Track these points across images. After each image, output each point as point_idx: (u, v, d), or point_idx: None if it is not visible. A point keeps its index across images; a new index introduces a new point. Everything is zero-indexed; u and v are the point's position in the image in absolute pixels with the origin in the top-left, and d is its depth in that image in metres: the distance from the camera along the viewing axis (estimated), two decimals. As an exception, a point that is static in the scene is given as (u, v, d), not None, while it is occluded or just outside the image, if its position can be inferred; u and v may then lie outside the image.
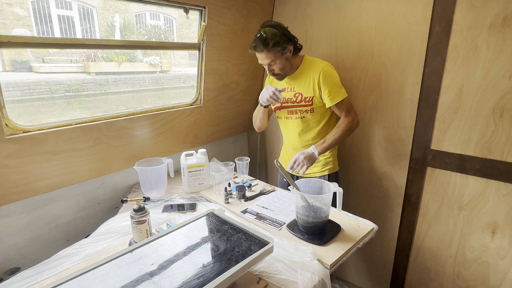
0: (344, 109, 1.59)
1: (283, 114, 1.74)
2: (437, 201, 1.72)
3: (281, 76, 1.61)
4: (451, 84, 1.56)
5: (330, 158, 1.73)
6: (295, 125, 1.70)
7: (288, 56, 1.56)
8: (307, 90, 1.61)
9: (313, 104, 1.62)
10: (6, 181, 1.29)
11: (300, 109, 1.65)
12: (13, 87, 7.10)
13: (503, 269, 1.57)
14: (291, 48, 1.55)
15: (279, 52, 1.51)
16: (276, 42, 1.48)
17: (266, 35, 1.48)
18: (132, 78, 9.55)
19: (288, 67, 1.59)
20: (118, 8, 10.40)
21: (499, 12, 1.38)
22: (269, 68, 1.58)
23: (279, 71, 1.58)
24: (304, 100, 1.62)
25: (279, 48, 1.49)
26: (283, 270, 1.07)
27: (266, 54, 1.51)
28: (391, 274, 1.99)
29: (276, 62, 1.54)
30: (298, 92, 1.64)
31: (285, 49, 1.52)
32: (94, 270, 0.89)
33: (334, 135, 1.57)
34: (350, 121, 1.59)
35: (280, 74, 1.60)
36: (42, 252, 1.47)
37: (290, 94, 1.67)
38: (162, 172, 1.64)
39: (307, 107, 1.63)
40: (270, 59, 1.53)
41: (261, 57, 1.55)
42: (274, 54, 1.51)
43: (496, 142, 1.48)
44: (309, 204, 1.24)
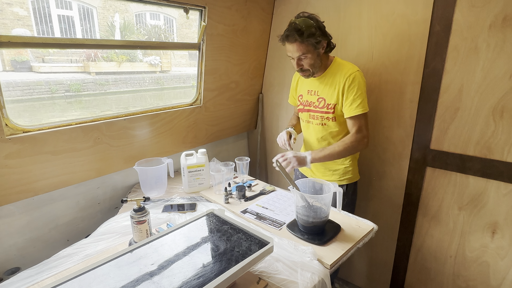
0: (357, 125, 1.48)
1: (304, 117, 1.66)
2: (437, 201, 1.72)
3: (309, 73, 1.50)
4: (451, 84, 1.56)
5: (350, 168, 1.63)
6: (315, 130, 1.62)
7: (320, 52, 1.45)
8: (331, 96, 1.51)
9: (334, 112, 1.52)
10: (6, 181, 1.29)
11: (322, 115, 1.56)
12: (13, 87, 7.11)
13: (503, 269, 1.57)
14: (324, 44, 1.45)
15: (312, 45, 1.40)
16: (311, 34, 1.37)
17: (300, 25, 1.37)
18: (132, 78, 9.56)
19: (318, 64, 1.48)
20: (118, 8, 10.41)
21: (499, 12, 1.37)
22: (298, 62, 1.46)
23: (309, 67, 1.46)
24: (326, 106, 1.53)
25: (313, 41, 1.38)
26: (283, 270, 1.07)
27: (298, 45, 1.40)
28: (391, 274, 1.99)
29: (308, 56, 1.42)
30: (321, 97, 1.55)
31: (319, 43, 1.41)
32: (94, 270, 0.89)
33: (335, 147, 1.47)
34: (357, 140, 1.48)
35: (309, 71, 1.48)
36: (42, 252, 1.47)
37: (314, 97, 1.59)
38: (162, 172, 1.64)
39: (328, 114, 1.54)
40: (301, 52, 1.41)
41: (291, 48, 1.43)
42: (306, 47, 1.40)
43: (496, 142, 1.48)
44: (309, 204, 1.24)
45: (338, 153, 1.47)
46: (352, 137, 1.48)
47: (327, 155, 1.47)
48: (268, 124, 2.51)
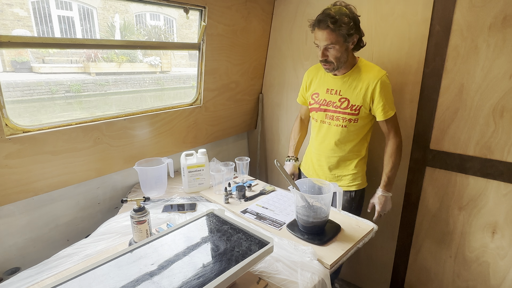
0: (393, 127, 1.49)
1: (319, 117, 1.58)
2: (437, 201, 1.72)
3: (332, 67, 1.42)
4: (451, 84, 1.56)
5: (358, 174, 1.60)
6: (333, 132, 1.54)
7: (349, 47, 1.38)
8: (356, 97, 1.45)
9: (359, 114, 1.46)
10: (6, 181, 1.29)
11: (344, 116, 1.48)
12: (13, 88, 7.11)
13: (503, 269, 1.57)
14: (355, 39, 1.38)
15: (343, 36, 1.32)
16: (344, 23, 1.29)
17: (335, 12, 1.30)
18: (132, 78, 9.57)
19: (344, 59, 1.40)
20: (118, 8, 10.41)
21: (499, 12, 1.38)
22: (324, 52, 1.38)
23: (333, 59, 1.38)
24: (350, 107, 1.46)
25: (345, 32, 1.31)
26: (283, 270, 1.07)
27: (328, 34, 1.32)
28: (391, 274, 1.99)
29: (335, 47, 1.35)
30: (344, 98, 1.48)
31: (350, 36, 1.34)
32: (94, 270, 0.89)
33: (391, 164, 1.52)
34: (399, 143, 1.52)
35: (333, 64, 1.40)
36: (42, 252, 1.47)
37: (335, 97, 1.50)
38: (162, 172, 1.64)
39: (352, 116, 1.47)
40: (329, 41, 1.33)
41: (321, 36, 1.35)
42: (336, 37, 1.32)
43: (496, 142, 1.48)
44: (309, 204, 1.24)
45: (397, 166, 1.53)
46: (396, 140, 1.52)
47: (393, 176, 1.53)
48: (268, 124, 2.51)
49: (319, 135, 1.62)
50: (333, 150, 1.58)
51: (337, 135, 1.53)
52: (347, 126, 1.50)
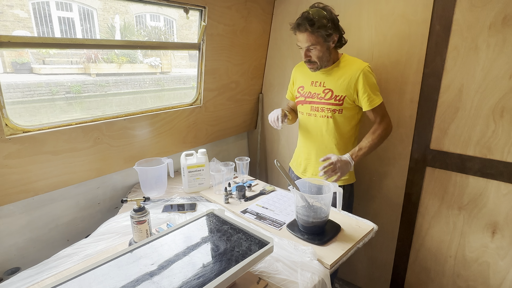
0: (380, 114, 1.51)
1: (305, 110, 1.62)
2: (437, 201, 1.72)
3: (316, 66, 1.49)
4: (451, 84, 1.56)
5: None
6: (319, 124, 1.57)
7: (330, 46, 1.44)
8: (339, 88, 1.49)
9: (343, 104, 1.50)
10: (6, 181, 1.29)
11: (328, 107, 1.52)
12: (13, 89, 7.12)
13: (503, 269, 1.57)
14: (335, 38, 1.44)
15: (323, 37, 1.39)
16: (322, 25, 1.36)
17: (313, 15, 1.36)
18: (132, 79, 9.57)
19: (326, 58, 1.46)
20: (119, 9, 10.42)
21: (499, 12, 1.38)
22: (306, 53, 1.45)
23: (316, 59, 1.45)
24: (334, 98, 1.50)
25: (324, 33, 1.37)
26: (283, 270, 1.07)
27: (308, 36, 1.39)
28: (391, 274, 1.99)
29: (317, 47, 1.41)
30: (328, 89, 1.52)
31: (330, 36, 1.40)
32: (94, 270, 0.88)
33: (370, 141, 1.48)
34: (386, 127, 1.51)
35: (316, 64, 1.47)
36: (42, 252, 1.47)
37: (319, 89, 1.55)
38: (162, 172, 1.64)
39: (336, 107, 1.50)
40: (310, 43, 1.40)
41: (302, 38, 1.42)
42: (316, 38, 1.39)
43: (496, 142, 1.48)
44: (309, 204, 1.24)
45: (373, 146, 1.49)
46: (383, 125, 1.51)
47: (365, 152, 1.47)
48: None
49: (307, 128, 1.65)
50: (320, 141, 1.60)
51: (323, 126, 1.56)
52: (333, 117, 1.53)
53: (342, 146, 1.58)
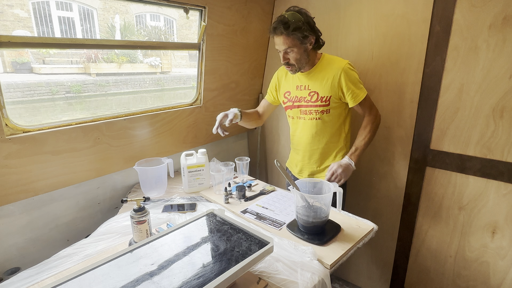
0: (367, 107, 1.53)
1: (294, 114, 1.64)
2: (437, 201, 1.72)
3: (295, 69, 1.51)
4: (451, 84, 1.56)
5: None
6: (309, 126, 1.59)
7: (307, 48, 1.45)
8: (324, 89, 1.51)
9: (330, 104, 1.52)
10: (6, 181, 1.29)
11: (316, 109, 1.54)
12: (13, 89, 7.12)
13: (503, 269, 1.57)
14: (312, 40, 1.45)
15: (299, 39, 1.40)
16: (297, 27, 1.37)
17: (288, 18, 1.38)
18: (132, 79, 9.57)
19: (305, 60, 1.48)
20: (119, 9, 10.42)
21: (499, 12, 1.38)
22: (284, 56, 1.47)
23: (294, 61, 1.47)
24: (320, 99, 1.52)
25: (300, 35, 1.39)
26: (283, 270, 1.07)
27: (284, 38, 1.40)
28: (391, 274, 1.99)
29: (294, 50, 1.43)
30: (313, 91, 1.54)
31: (306, 38, 1.41)
32: (94, 270, 0.88)
33: (364, 138, 1.51)
34: (374, 119, 1.54)
35: (294, 66, 1.49)
36: (42, 252, 1.47)
37: (304, 92, 1.57)
38: (162, 172, 1.64)
39: (323, 107, 1.53)
40: (287, 45, 1.41)
41: (278, 41, 1.44)
42: (293, 41, 1.40)
43: (496, 142, 1.48)
44: (309, 204, 1.24)
45: (368, 142, 1.52)
46: (370, 119, 1.54)
47: (362, 150, 1.51)
48: (268, 124, 2.51)
49: (297, 131, 1.67)
50: (311, 143, 1.62)
51: (313, 128, 1.59)
52: (321, 118, 1.55)
53: (333, 143, 1.61)
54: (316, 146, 1.62)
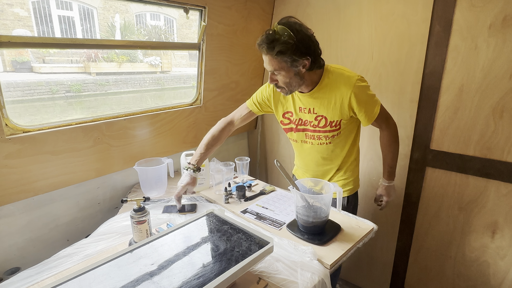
0: (384, 120, 1.37)
1: (299, 138, 1.45)
2: (437, 201, 1.72)
3: (285, 91, 1.29)
4: (451, 84, 1.56)
5: (350, 179, 1.49)
6: (317, 150, 1.43)
7: (300, 71, 1.21)
8: (332, 113, 1.31)
9: (340, 127, 1.34)
10: (6, 181, 1.29)
11: (326, 135, 1.36)
12: (14, 88, 7.12)
13: (503, 269, 1.57)
14: (306, 62, 1.19)
15: (286, 63, 1.18)
16: (283, 51, 1.13)
17: (276, 35, 1.14)
18: (132, 78, 9.57)
19: (297, 83, 1.25)
20: (119, 8, 10.42)
21: (499, 12, 1.38)
22: (272, 77, 1.25)
23: (283, 85, 1.25)
24: (329, 124, 1.33)
25: (287, 59, 1.16)
26: (283, 270, 1.07)
27: (270, 60, 1.19)
28: (391, 274, 1.99)
29: (281, 73, 1.21)
30: (320, 115, 1.34)
31: (296, 62, 1.17)
32: (94, 270, 0.88)
33: (391, 156, 1.43)
34: (393, 133, 1.41)
35: (284, 89, 1.28)
36: (42, 252, 1.47)
37: (310, 116, 1.36)
38: (162, 172, 1.64)
39: (334, 132, 1.35)
40: (273, 67, 1.20)
41: (265, 60, 1.22)
42: (279, 63, 1.18)
43: (496, 142, 1.48)
44: (309, 204, 1.24)
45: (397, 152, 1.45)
46: (390, 130, 1.41)
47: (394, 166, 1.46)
48: (268, 124, 2.51)
49: (302, 153, 1.52)
50: (322, 165, 1.48)
51: (323, 152, 1.43)
52: (332, 142, 1.39)
53: (347, 157, 1.47)
54: (329, 166, 1.48)
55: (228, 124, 1.59)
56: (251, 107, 1.55)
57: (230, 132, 1.60)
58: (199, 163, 1.46)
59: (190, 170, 1.43)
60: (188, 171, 1.43)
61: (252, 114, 1.58)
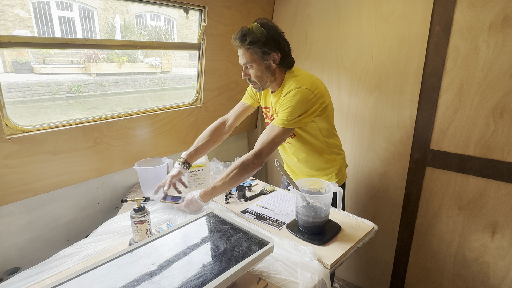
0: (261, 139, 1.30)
1: None
2: (437, 201, 1.72)
3: (257, 86, 1.38)
4: (451, 84, 1.56)
5: (332, 173, 1.51)
6: (283, 147, 1.56)
7: (269, 64, 1.30)
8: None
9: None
10: (6, 181, 1.29)
11: None
12: (14, 88, 7.12)
13: (503, 269, 1.57)
14: (276, 57, 1.29)
15: (257, 55, 1.27)
16: (254, 41, 1.24)
17: (250, 30, 1.26)
18: (132, 79, 9.57)
19: (268, 78, 1.33)
20: (119, 9, 10.42)
21: (499, 12, 1.38)
22: (245, 71, 1.35)
23: (255, 78, 1.34)
24: None
25: (258, 50, 1.26)
26: (283, 270, 1.07)
27: (243, 52, 1.29)
28: (391, 274, 1.99)
29: (253, 66, 1.30)
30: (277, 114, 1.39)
31: (267, 54, 1.27)
32: (94, 270, 0.89)
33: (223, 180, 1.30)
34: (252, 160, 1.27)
35: (257, 84, 1.36)
36: (42, 252, 1.47)
37: (273, 114, 1.48)
38: (162, 172, 1.64)
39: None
40: (245, 59, 1.30)
41: (239, 53, 1.33)
42: (251, 55, 1.28)
43: (496, 142, 1.48)
44: (309, 204, 1.24)
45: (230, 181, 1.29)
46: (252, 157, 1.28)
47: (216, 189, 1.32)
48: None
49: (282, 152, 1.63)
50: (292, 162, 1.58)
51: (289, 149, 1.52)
52: (289, 142, 1.48)
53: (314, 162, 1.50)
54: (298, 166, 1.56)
55: (221, 123, 1.65)
56: (246, 100, 1.64)
57: (223, 131, 1.65)
58: (188, 158, 1.53)
59: (178, 163, 1.51)
60: (176, 164, 1.51)
61: (246, 109, 1.64)
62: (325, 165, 1.51)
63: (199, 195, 1.34)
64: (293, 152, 1.53)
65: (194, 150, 1.55)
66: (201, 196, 1.34)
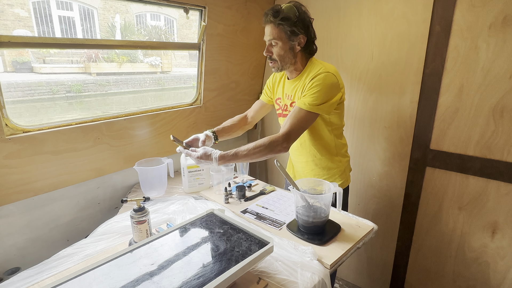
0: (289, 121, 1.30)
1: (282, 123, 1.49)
2: (437, 201, 1.72)
3: (277, 66, 1.39)
4: (451, 84, 1.56)
5: (336, 174, 1.51)
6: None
7: (294, 46, 1.33)
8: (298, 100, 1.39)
9: None
10: (6, 181, 1.29)
11: None
12: (14, 88, 7.12)
13: (503, 269, 1.57)
14: (302, 40, 1.33)
15: (285, 33, 1.30)
16: (286, 18, 1.27)
17: (282, 8, 1.29)
18: (132, 78, 9.57)
19: (289, 59, 1.35)
20: (119, 9, 10.42)
21: (499, 12, 1.38)
22: (268, 48, 1.36)
23: (277, 57, 1.35)
24: None
25: (287, 28, 1.28)
26: (283, 270, 1.07)
27: (271, 28, 1.31)
28: (391, 274, 1.99)
29: (278, 43, 1.32)
30: (294, 101, 1.44)
31: (295, 35, 1.30)
32: (94, 270, 0.89)
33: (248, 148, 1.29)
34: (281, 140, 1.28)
35: (277, 62, 1.37)
36: (42, 252, 1.48)
37: (288, 101, 1.48)
38: (162, 172, 1.64)
39: None
40: (272, 36, 1.31)
41: (266, 31, 1.34)
42: (279, 33, 1.30)
43: (496, 142, 1.48)
44: (309, 204, 1.24)
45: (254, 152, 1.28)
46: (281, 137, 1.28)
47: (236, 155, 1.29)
48: (268, 124, 2.51)
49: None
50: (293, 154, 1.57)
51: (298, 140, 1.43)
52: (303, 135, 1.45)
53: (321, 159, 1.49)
54: (299, 159, 1.55)
55: (243, 115, 1.72)
56: (263, 97, 1.68)
57: (246, 121, 1.70)
58: (219, 133, 1.57)
59: (210, 130, 1.54)
60: (208, 131, 1.54)
61: (263, 106, 1.68)
62: (331, 164, 1.51)
63: (217, 155, 1.28)
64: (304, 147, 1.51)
65: (222, 128, 1.59)
66: (219, 157, 1.28)
